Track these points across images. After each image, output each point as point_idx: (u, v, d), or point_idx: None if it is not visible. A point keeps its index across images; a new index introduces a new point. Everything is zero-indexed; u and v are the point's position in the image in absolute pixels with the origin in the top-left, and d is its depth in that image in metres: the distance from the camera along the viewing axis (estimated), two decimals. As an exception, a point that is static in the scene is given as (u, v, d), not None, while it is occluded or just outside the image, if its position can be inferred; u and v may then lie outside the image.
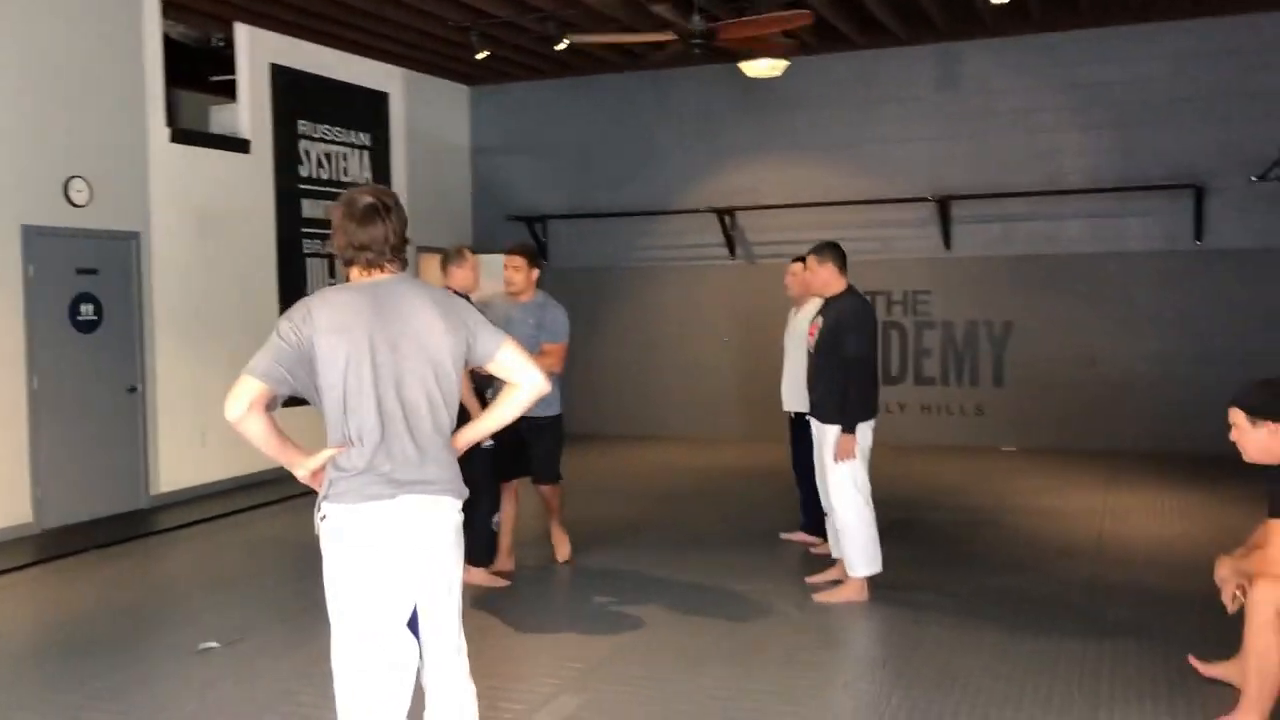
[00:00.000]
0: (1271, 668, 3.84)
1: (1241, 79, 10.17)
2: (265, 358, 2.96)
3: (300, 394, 3.03)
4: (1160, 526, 7.55)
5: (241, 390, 2.93)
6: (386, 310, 3.04)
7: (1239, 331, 10.29)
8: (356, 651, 3.02)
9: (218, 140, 9.66)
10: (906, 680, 4.64)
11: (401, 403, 3.02)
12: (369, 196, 3.12)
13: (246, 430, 2.97)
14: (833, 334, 5.87)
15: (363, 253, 3.07)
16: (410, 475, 3.02)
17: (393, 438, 3.01)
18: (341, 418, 3.00)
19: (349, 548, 3.00)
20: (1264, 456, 4.04)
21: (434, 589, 3.09)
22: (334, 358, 2.97)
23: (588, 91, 12.58)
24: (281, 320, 3.02)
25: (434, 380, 3.07)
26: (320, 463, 3.05)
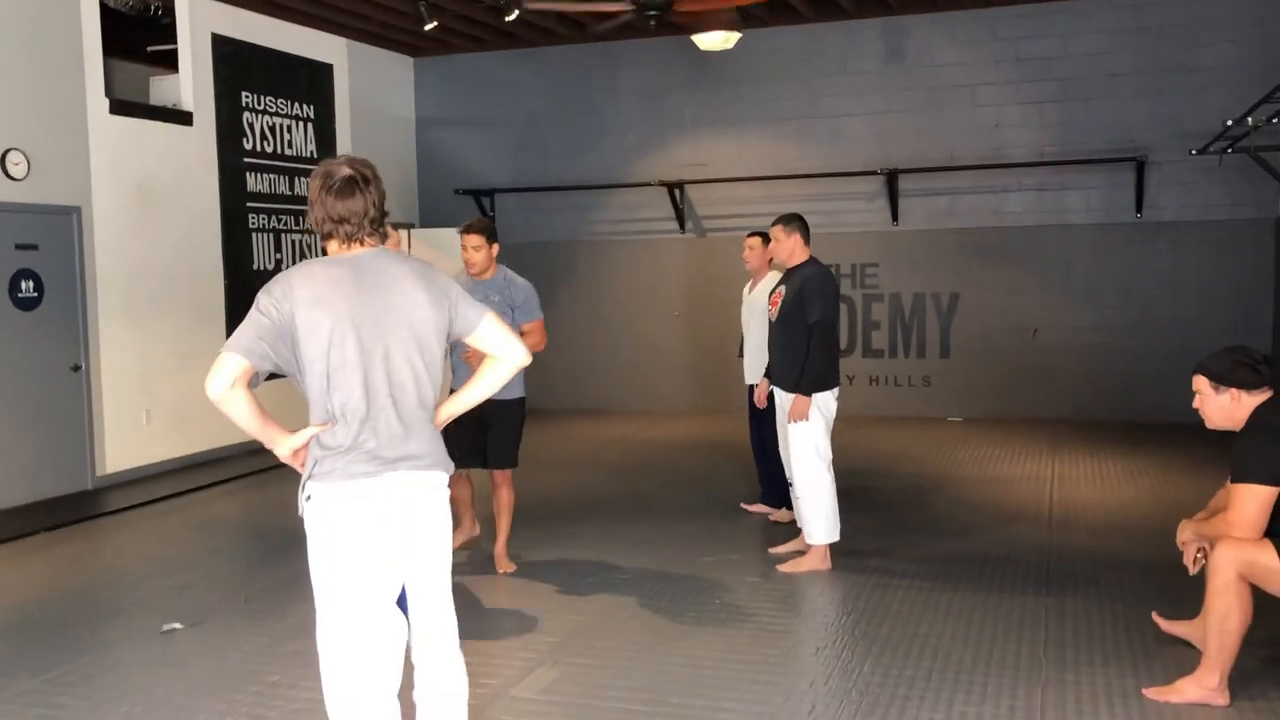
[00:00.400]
0: (1232, 628, 3.96)
1: (1179, 54, 10.38)
2: (247, 334, 2.89)
3: (281, 370, 2.98)
4: (1106, 492, 7.74)
5: (223, 367, 2.87)
6: (369, 283, 2.98)
7: (1177, 302, 10.56)
8: (344, 630, 2.98)
9: (159, 112, 9.42)
10: (878, 646, 4.72)
11: (387, 377, 2.97)
12: (347, 168, 3.03)
13: (229, 408, 2.91)
14: (795, 302, 5.93)
15: (341, 225, 3.00)
16: (396, 451, 2.97)
17: (378, 413, 2.96)
18: (325, 394, 2.94)
19: (336, 526, 2.95)
20: (1226, 423, 4.15)
21: (423, 564, 3.06)
22: (316, 333, 2.90)
23: (535, 63, 12.46)
24: (261, 295, 2.94)
25: (418, 354, 3.02)
26: (303, 441, 2.99)
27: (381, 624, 3.00)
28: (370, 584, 2.97)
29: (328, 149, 11.34)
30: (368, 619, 2.98)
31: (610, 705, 4.15)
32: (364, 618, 2.98)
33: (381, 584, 3.00)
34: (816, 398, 5.84)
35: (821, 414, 5.90)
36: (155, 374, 9.16)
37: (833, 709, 4.08)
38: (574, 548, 6.48)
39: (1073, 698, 4.13)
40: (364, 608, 2.97)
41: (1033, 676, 4.35)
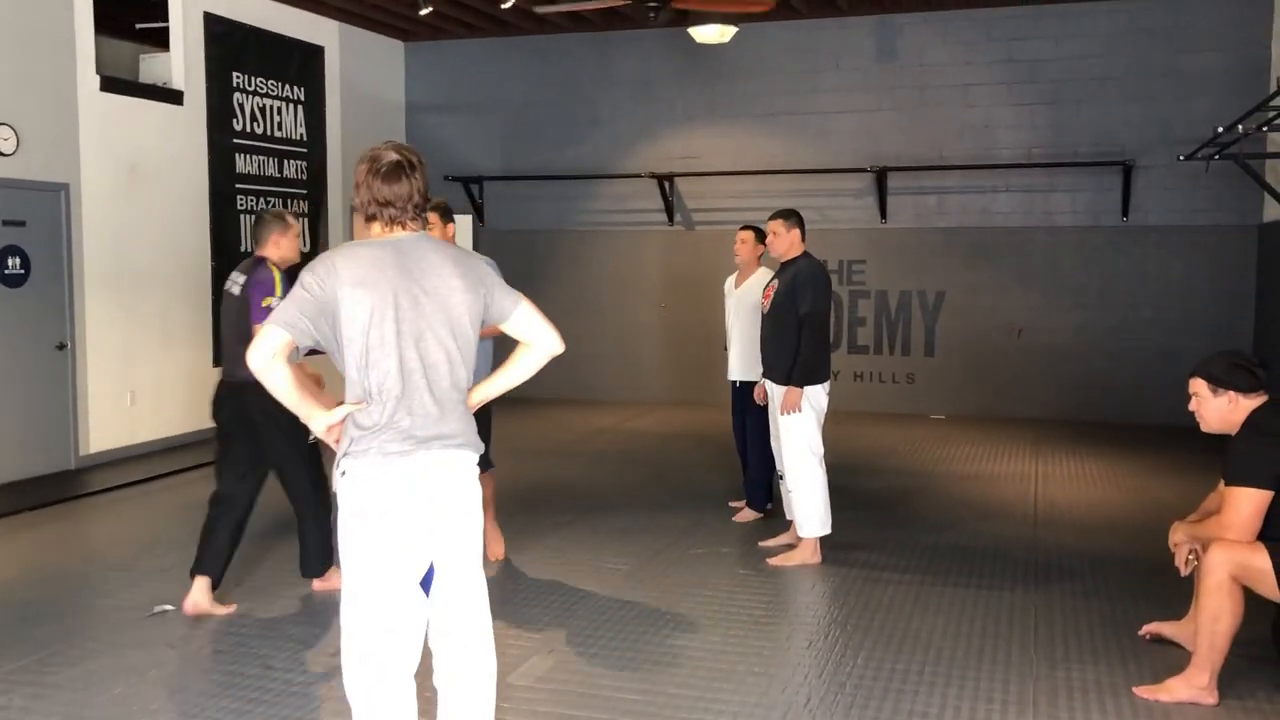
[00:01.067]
0: (1223, 629, 4.01)
1: (1169, 60, 10.47)
2: (290, 308, 2.96)
3: (321, 347, 3.03)
4: (1089, 491, 7.81)
5: (266, 339, 2.93)
6: (409, 267, 3.03)
7: (1160, 305, 10.67)
8: (371, 607, 3.00)
9: (149, 90, 9.34)
10: (870, 640, 4.76)
11: (421, 359, 3.02)
12: (394, 153, 3.09)
13: (269, 379, 2.98)
14: (789, 295, 5.96)
15: (386, 209, 3.06)
16: (429, 430, 3.01)
17: (412, 393, 3.00)
18: (362, 372, 2.99)
19: (370, 504, 2.98)
20: (1222, 426, 4.20)
21: (455, 543, 3.09)
22: (357, 312, 2.96)
23: (526, 51, 12.43)
24: (305, 272, 3.00)
25: (452, 338, 3.06)
26: (339, 418, 3.03)
27: (407, 602, 3.04)
28: (400, 561, 3.01)
29: (318, 132, 11.28)
30: (395, 596, 3.01)
31: (607, 694, 4.16)
32: (391, 594, 3.01)
33: (411, 562, 3.03)
34: (807, 390, 5.88)
35: (812, 407, 5.93)
36: (140, 354, 9.10)
37: (828, 701, 4.11)
38: (563, 537, 6.48)
39: (1064, 693, 4.18)
40: (392, 584, 3.01)
41: (1024, 672, 4.39)
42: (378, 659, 3.01)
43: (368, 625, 3.01)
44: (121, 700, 4.12)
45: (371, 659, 3.01)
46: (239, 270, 5.16)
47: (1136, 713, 4.01)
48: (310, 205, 11.19)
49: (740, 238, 7.04)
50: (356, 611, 3.02)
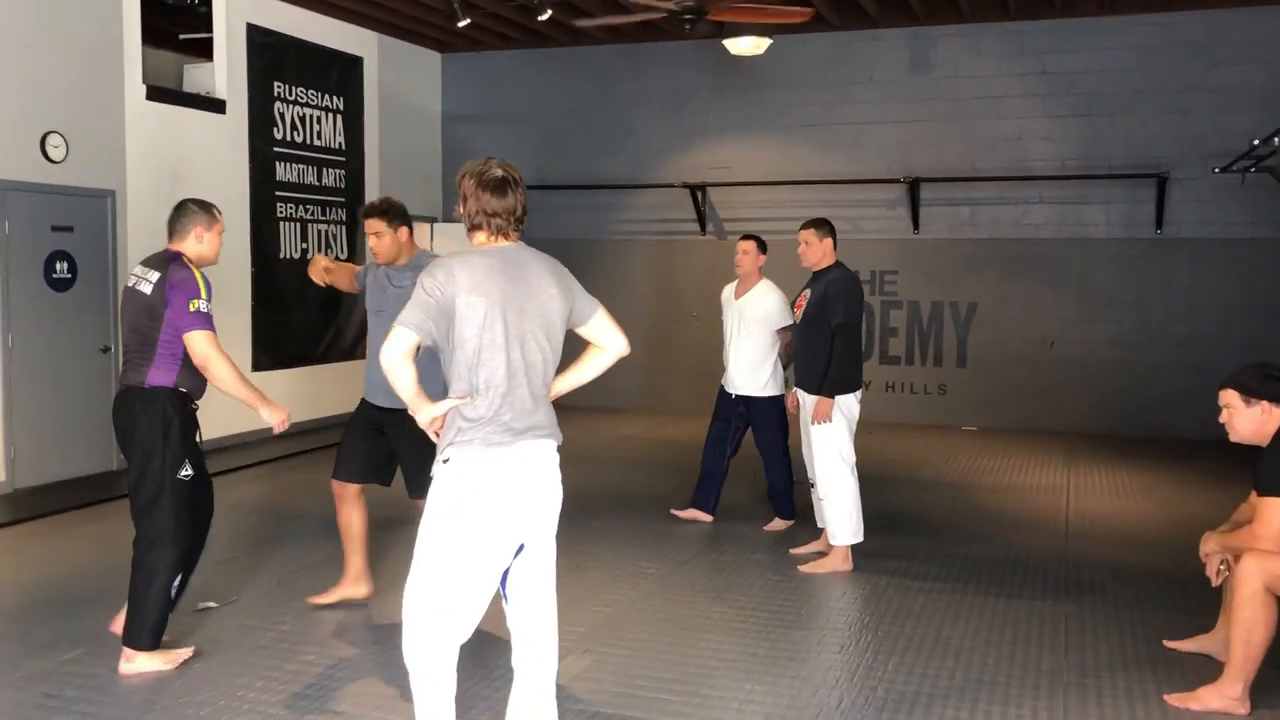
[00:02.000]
0: (1257, 639, 4.04)
1: (1203, 73, 10.46)
2: (417, 312, 3.21)
3: (434, 345, 3.27)
4: (1121, 504, 7.81)
5: (400, 340, 3.19)
6: (514, 274, 3.30)
7: (1194, 319, 10.63)
8: (459, 586, 3.21)
9: (193, 99, 9.53)
10: (901, 646, 4.81)
11: (524, 359, 3.29)
12: (499, 169, 3.35)
13: (399, 375, 3.22)
14: (821, 305, 6.01)
15: (494, 219, 3.32)
16: (525, 423, 3.29)
17: (514, 389, 3.27)
18: (471, 370, 3.24)
19: (472, 488, 3.22)
20: (1254, 437, 4.23)
21: (541, 527, 3.35)
22: (472, 315, 3.22)
23: (561, 63, 12.56)
24: (425, 277, 3.24)
25: (548, 340, 3.35)
26: (443, 410, 3.27)
27: (489, 583, 3.27)
28: (495, 543, 3.24)
29: (356, 141, 11.45)
30: (483, 574, 3.24)
31: (643, 694, 4.24)
32: (480, 573, 3.23)
33: (504, 543, 3.27)
34: (839, 399, 5.93)
35: (844, 416, 5.98)
36: (182, 358, 9.25)
37: (860, 704, 4.16)
38: (597, 541, 6.56)
39: (1094, 700, 4.21)
40: (483, 564, 3.23)
41: (1054, 679, 4.43)
42: (450, 632, 3.23)
43: (449, 601, 3.22)
44: (166, 691, 4.23)
45: (444, 632, 3.23)
46: (148, 265, 4.44)
47: (1167, 720, 4.04)
48: (348, 213, 11.35)
49: (742, 248, 7.00)
50: (440, 588, 3.22)
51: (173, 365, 4.35)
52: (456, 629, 3.25)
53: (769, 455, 6.88)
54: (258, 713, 4.04)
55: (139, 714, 4.04)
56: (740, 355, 6.89)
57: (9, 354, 7.76)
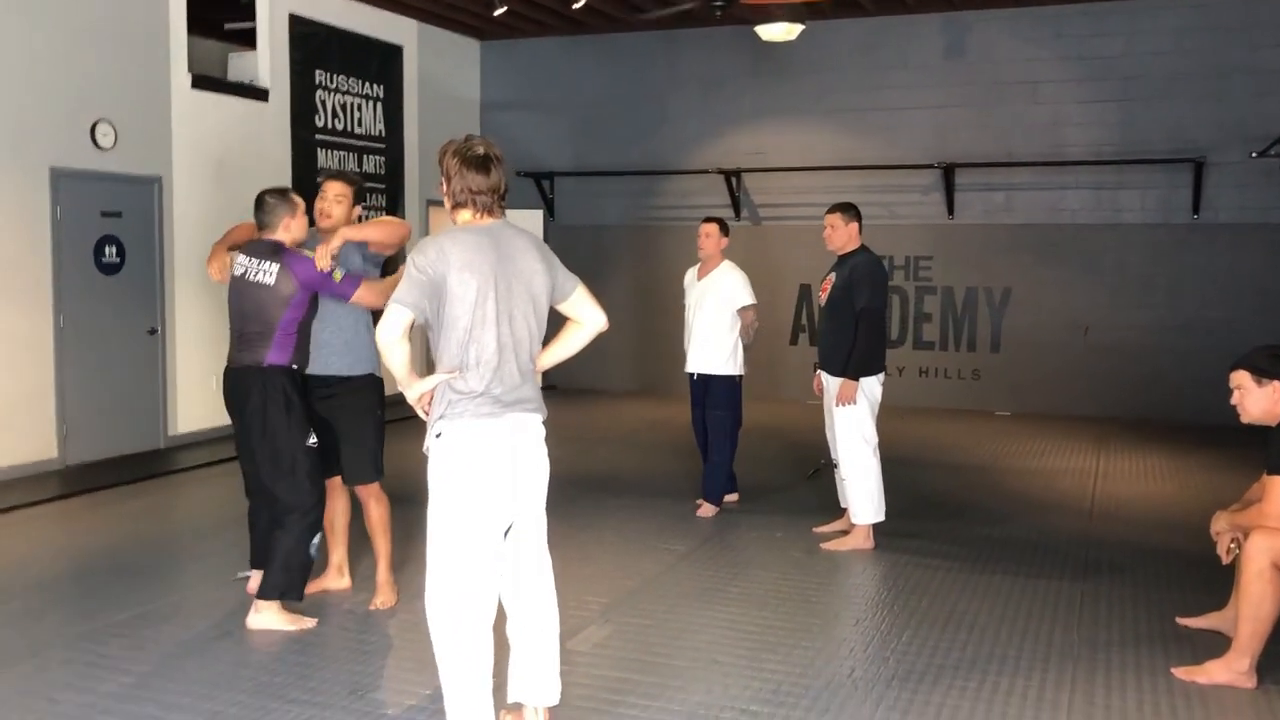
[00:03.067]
0: (1264, 614, 4.10)
1: (1241, 56, 10.37)
2: (412, 290, 3.30)
3: (425, 323, 3.37)
4: (1148, 487, 7.84)
5: (396, 318, 3.30)
6: (503, 252, 3.40)
7: (1230, 305, 10.57)
8: (465, 554, 3.33)
9: (237, 88, 9.77)
10: (915, 620, 4.91)
11: (512, 334, 3.40)
12: (481, 147, 3.44)
13: (396, 351, 3.34)
14: (845, 289, 6.10)
15: (478, 196, 3.40)
16: (513, 396, 3.41)
17: (504, 364, 3.38)
18: (463, 346, 3.35)
19: (466, 459, 3.34)
20: (1265, 417, 4.29)
21: (533, 496, 3.49)
22: (464, 292, 3.32)
23: (598, 50, 12.69)
24: (415, 255, 3.32)
25: (534, 315, 3.47)
26: (432, 386, 3.39)
27: (495, 547, 3.39)
28: (492, 510, 3.36)
29: (396, 128, 11.66)
30: (486, 542, 3.36)
31: (659, 660, 4.39)
32: (483, 540, 3.35)
33: (500, 510, 3.39)
34: (863, 382, 6.02)
35: (867, 398, 6.08)
36: (223, 341, 9.48)
37: (871, 674, 4.28)
38: (623, 519, 6.72)
39: (1102, 674, 4.30)
40: (484, 531, 3.35)
41: (1065, 654, 4.52)
42: (469, 600, 3.34)
43: (460, 570, 3.34)
44: (208, 651, 4.45)
45: (463, 600, 3.34)
46: (256, 256, 4.68)
47: (1174, 693, 4.12)
48: (388, 199, 11.57)
49: (704, 231, 7.03)
50: (450, 558, 3.35)
51: (288, 345, 4.70)
52: (479, 596, 3.34)
53: (716, 434, 6.86)
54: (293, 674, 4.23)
55: (193, 674, 4.24)
56: (700, 335, 6.92)
57: (60, 335, 8.05)
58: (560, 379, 12.38)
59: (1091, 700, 4.04)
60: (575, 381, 12.21)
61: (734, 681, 4.18)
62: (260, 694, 4.04)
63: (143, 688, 4.09)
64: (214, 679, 4.18)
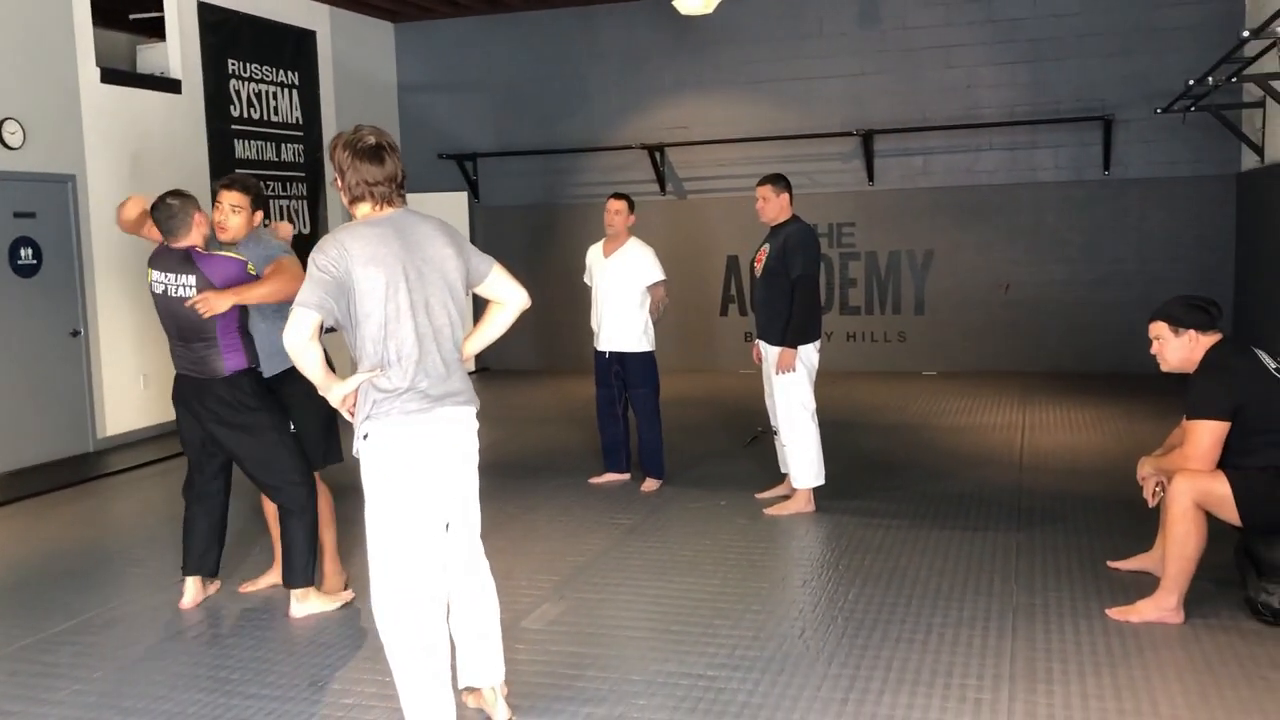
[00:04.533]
0: (1189, 552, 4.30)
1: (1145, 15, 10.67)
2: (315, 291, 3.19)
3: (336, 323, 3.26)
4: (1073, 438, 8.10)
5: (301, 322, 3.19)
6: (408, 240, 3.30)
7: (1143, 257, 10.92)
8: (407, 553, 3.28)
9: (148, 80, 9.55)
10: (860, 578, 5.05)
11: (431, 323, 3.31)
12: (372, 136, 3.33)
13: (306, 357, 3.24)
14: (780, 258, 6.19)
15: (376, 188, 3.30)
16: (441, 389, 3.33)
17: (426, 356, 3.29)
18: (380, 343, 3.25)
19: (396, 459, 3.27)
20: (1182, 365, 4.47)
21: (468, 490, 3.44)
22: (372, 287, 3.22)
23: (516, 28, 12.61)
24: (316, 254, 3.22)
25: (452, 302, 3.37)
26: (354, 387, 3.30)
27: (436, 547, 3.34)
28: (428, 507, 3.32)
29: (313, 115, 11.49)
30: (426, 539, 3.31)
31: (614, 633, 4.47)
32: (423, 538, 3.30)
33: (437, 506, 3.34)
34: (800, 349, 6.14)
35: (805, 365, 6.19)
36: (152, 339, 9.33)
37: (820, 632, 4.40)
38: (569, 497, 6.76)
39: (1041, 618, 4.47)
40: (423, 529, 3.30)
41: (1004, 600, 4.69)
42: (415, 600, 3.29)
43: (402, 572, 3.28)
44: (160, 656, 4.41)
45: (409, 601, 3.29)
46: (167, 270, 4.60)
47: (1108, 632, 4.30)
48: (308, 188, 11.41)
49: (613, 207, 6.97)
50: (390, 561, 3.29)
51: (238, 346, 4.67)
52: (423, 594, 3.28)
53: (641, 412, 6.89)
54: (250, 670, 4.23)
55: (147, 676, 4.21)
56: (612, 313, 6.88)
57: (-21, 341, 7.84)
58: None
59: (1033, 645, 4.21)
60: (481, 361, 12.25)
61: (689, 649, 4.27)
62: (218, 691, 4.03)
63: (97, 694, 4.06)
64: (170, 680, 4.15)
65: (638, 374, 6.89)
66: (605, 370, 6.99)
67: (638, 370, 6.89)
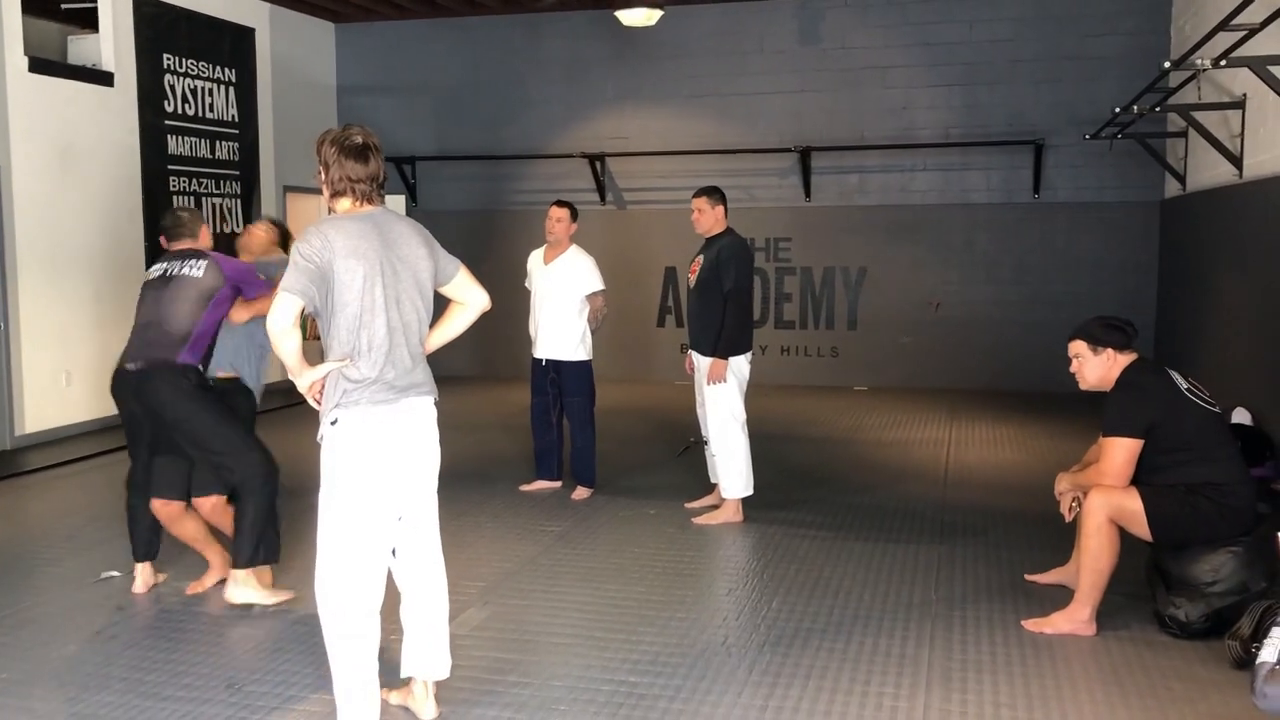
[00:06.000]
0: (1102, 567, 4.42)
1: (1075, 44, 10.95)
2: (299, 278, 3.30)
3: (314, 311, 3.38)
4: (998, 454, 8.27)
5: (285, 306, 3.28)
6: (386, 238, 3.45)
7: (1069, 278, 11.19)
8: (357, 542, 3.39)
9: (79, 72, 9.36)
10: (785, 587, 5.11)
11: (401, 319, 3.46)
12: (359, 135, 3.48)
13: (287, 341, 3.32)
14: (713, 269, 6.25)
15: (358, 185, 3.45)
16: (406, 381, 3.48)
17: (396, 349, 3.44)
18: (354, 333, 3.38)
19: (362, 446, 3.38)
20: (1100, 384, 4.59)
21: (427, 479, 3.58)
22: (351, 279, 3.35)
23: (457, 33, 12.58)
24: (300, 244, 3.34)
25: (421, 299, 3.53)
26: (323, 374, 3.40)
27: (388, 536, 3.47)
28: (388, 494, 3.43)
29: (250, 113, 11.35)
30: (381, 526, 3.43)
31: (538, 638, 4.47)
32: (378, 525, 3.42)
33: (396, 495, 3.46)
34: (731, 361, 6.20)
35: (736, 376, 6.26)
36: (75, 335, 9.16)
37: (743, 641, 4.44)
38: (501, 504, 6.75)
39: (958, 629, 4.56)
40: (378, 519, 3.42)
41: (924, 612, 4.77)
42: (361, 586, 3.40)
43: (355, 553, 3.38)
44: (75, 657, 4.32)
45: (356, 587, 3.39)
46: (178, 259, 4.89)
47: (1023, 643, 4.40)
48: (243, 186, 11.26)
49: (555, 215, 6.99)
50: (345, 541, 3.38)
51: (201, 345, 4.80)
52: (369, 581, 3.41)
53: (575, 421, 6.90)
54: (166, 671, 4.16)
55: (58, 677, 4.12)
56: (550, 320, 6.88)
57: (-106, 333, 7.62)
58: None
59: (949, 654, 4.29)
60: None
61: (613, 655, 4.28)
62: (132, 693, 3.96)
63: (5, 694, 3.96)
64: (82, 681, 4.07)
65: (573, 382, 6.90)
66: (541, 377, 6.99)
67: (573, 379, 6.90)
